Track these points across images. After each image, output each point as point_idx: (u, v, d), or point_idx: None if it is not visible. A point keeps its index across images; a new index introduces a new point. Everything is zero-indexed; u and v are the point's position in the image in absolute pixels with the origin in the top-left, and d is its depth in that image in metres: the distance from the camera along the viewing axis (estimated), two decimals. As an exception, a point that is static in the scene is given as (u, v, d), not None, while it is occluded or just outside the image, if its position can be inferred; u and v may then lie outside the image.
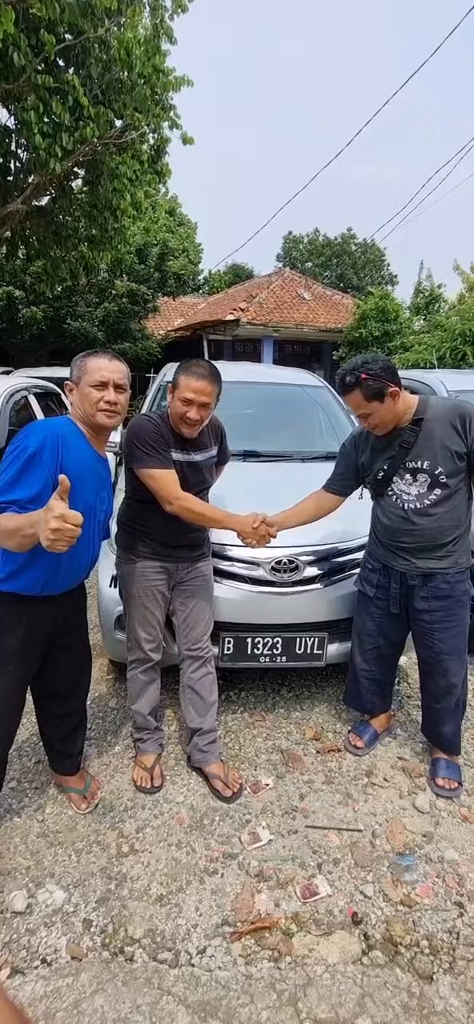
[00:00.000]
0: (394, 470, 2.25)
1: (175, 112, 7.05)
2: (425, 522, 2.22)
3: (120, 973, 1.62)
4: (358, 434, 2.44)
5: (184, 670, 2.39)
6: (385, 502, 2.32)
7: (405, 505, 2.24)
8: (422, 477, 2.20)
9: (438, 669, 2.34)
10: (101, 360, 1.82)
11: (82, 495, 1.73)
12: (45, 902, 1.84)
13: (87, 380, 1.80)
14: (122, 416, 1.88)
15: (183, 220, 18.96)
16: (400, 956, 1.70)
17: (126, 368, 1.91)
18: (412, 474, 2.22)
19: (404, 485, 2.24)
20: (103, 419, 1.82)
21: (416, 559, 2.27)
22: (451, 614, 2.28)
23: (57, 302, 13.20)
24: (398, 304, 12.70)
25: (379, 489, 2.33)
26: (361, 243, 30.84)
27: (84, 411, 1.82)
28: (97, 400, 1.79)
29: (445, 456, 2.15)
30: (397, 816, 2.24)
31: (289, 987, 1.58)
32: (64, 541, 1.42)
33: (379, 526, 2.38)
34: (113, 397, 1.81)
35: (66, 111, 5.65)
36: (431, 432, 2.17)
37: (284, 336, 16.19)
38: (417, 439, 2.18)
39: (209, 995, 1.56)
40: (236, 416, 3.60)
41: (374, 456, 2.31)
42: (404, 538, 2.27)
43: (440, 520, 2.21)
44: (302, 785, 2.39)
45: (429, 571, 2.26)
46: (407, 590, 2.33)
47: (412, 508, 2.23)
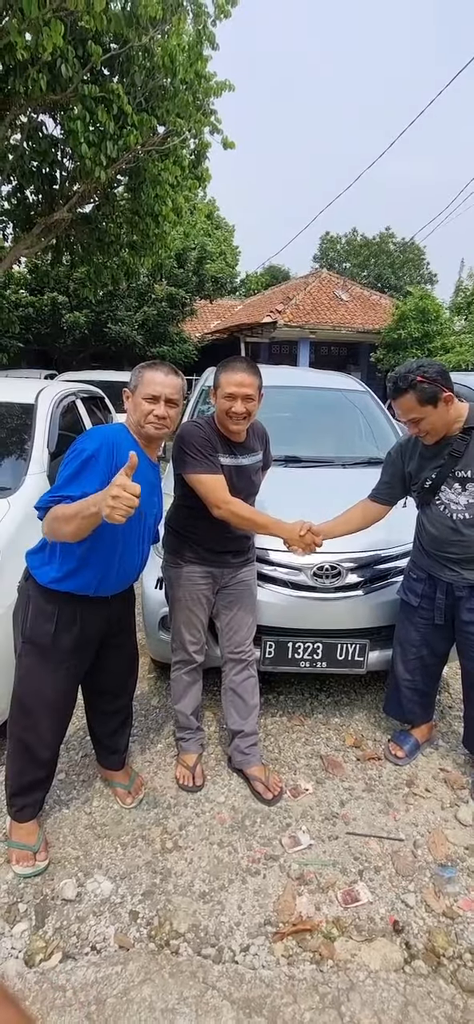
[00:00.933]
0: (442, 479, 2.23)
1: (216, 117, 7.13)
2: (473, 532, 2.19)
3: (167, 965, 1.67)
4: (405, 442, 2.42)
5: (226, 673, 2.43)
6: (432, 511, 2.30)
7: (454, 515, 2.22)
8: (472, 487, 2.17)
9: None
10: (157, 374, 1.87)
11: None
12: (94, 891, 1.91)
13: (141, 391, 1.86)
14: (172, 429, 1.93)
15: (221, 223, 19.10)
16: (443, 967, 1.69)
17: (181, 382, 1.95)
18: (461, 483, 2.19)
19: (453, 494, 2.22)
20: (151, 430, 1.88)
21: (464, 570, 2.25)
22: None
23: (99, 306, 13.52)
24: (438, 304, 12.45)
25: (426, 498, 2.31)
26: (400, 242, 30.33)
27: (136, 420, 1.88)
28: (148, 412, 1.85)
29: None
30: (439, 827, 2.22)
31: (332, 990, 1.60)
32: (122, 510, 1.48)
33: (425, 535, 2.36)
34: (163, 412, 1.86)
35: (111, 119, 5.81)
36: None
37: (321, 338, 16.12)
38: (467, 448, 2.16)
39: (253, 993, 1.59)
40: (277, 420, 3.62)
41: (422, 465, 2.30)
42: (452, 548, 2.25)
43: None
44: (342, 792, 2.40)
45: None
46: (453, 601, 2.31)
47: (461, 519, 2.20)
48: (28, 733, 1.94)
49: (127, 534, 1.84)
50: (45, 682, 1.89)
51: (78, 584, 1.81)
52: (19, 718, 1.94)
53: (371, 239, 32.22)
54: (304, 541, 2.25)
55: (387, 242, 31.57)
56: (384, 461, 2.49)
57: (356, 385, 4.27)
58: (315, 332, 15.59)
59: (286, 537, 2.26)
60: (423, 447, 2.29)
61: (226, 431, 2.18)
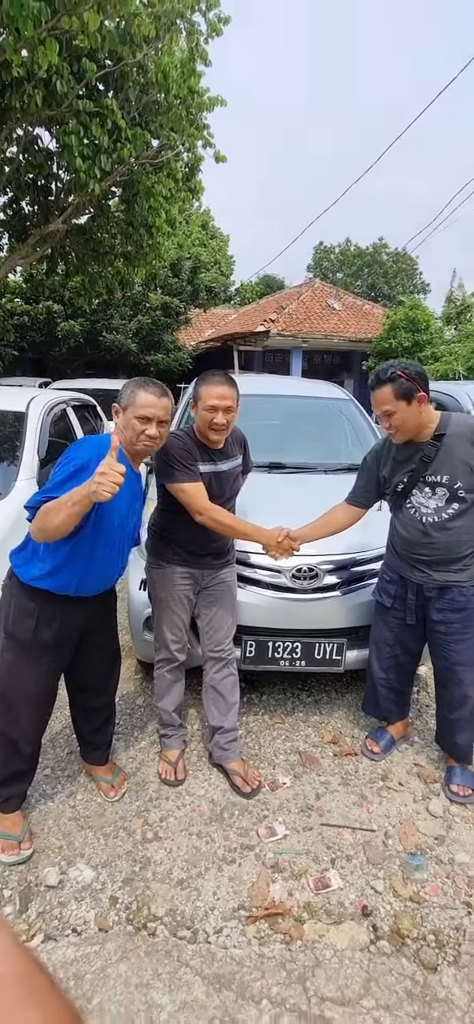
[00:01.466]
0: (414, 483, 2.33)
1: (209, 131, 7.29)
2: (442, 535, 2.29)
3: (143, 945, 1.75)
4: (380, 448, 2.53)
5: (207, 671, 2.53)
6: (404, 515, 2.40)
7: (423, 518, 2.32)
8: (441, 491, 2.27)
9: (453, 679, 2.40)
10: (150, 396, 1.95)
11: (118, 504, 1.89)
12: (75, 879, 1.99)
13: (133, 411, 1.94)
14: (160, 444, 2.04)
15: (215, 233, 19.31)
16: (406, 947, 1.78)
17: (171, 402, 2.05)
18: (431, 487, 2.29)
19: (423, 498, 2.32)
20: (141, 447, 1.98)
21: (433, 571, 2.35)
22: (467, 626, 2.34)
23: (94, 315, 13.65)
24: (429, 314, 12.63)
25: (398, 502, 2.41)
26: (393, 252, 30.66)
27: (127, 438, 1.97)
28: (140, 432, 1.95)
29: (464, 471, 2.23)
30: (410, 819, 2.32)
31: (299, 967, 1.69)
32: (108, 486, 1.61)
33: (397, 538, 2.47)
34: (154, 432, 1.96)
35: (105, 134, 5.94)
36: (451, 448, 2.25)
37: (313, 347, 16.29)
38: (437, 453, 2.26)
39: (224, 969, 1.68)
40: (261, 428, 3.74)
41: (395, 469, 2.40)
42: (422, 550, 2.35)
43: (457, 534, 2.28)
44: (318, 785, 2.49)
45: (445, 583, 2.34)
46: (424, 601, 2.41)
47: (430, 521, 2.30)
48: (10, 727, 2.02)
49: (108, 538, 1.94)
50: (26, 677, 1.98)
51: (58, 583, 1.90)
52: (1, 712, 2.02)
53: (364, 249, 32.56)
54: (282, 547, 2.37)
55: (380, 252, 31.90)
56: (360, 466, 2.59)
57: (340, 393, 4.39)
58: (307, 341, 15.76)
59: (265, 543, 2.37)
60: (396, 451, 2.39)
61: (207, 440, 2.28)
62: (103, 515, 1.86)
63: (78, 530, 1.78)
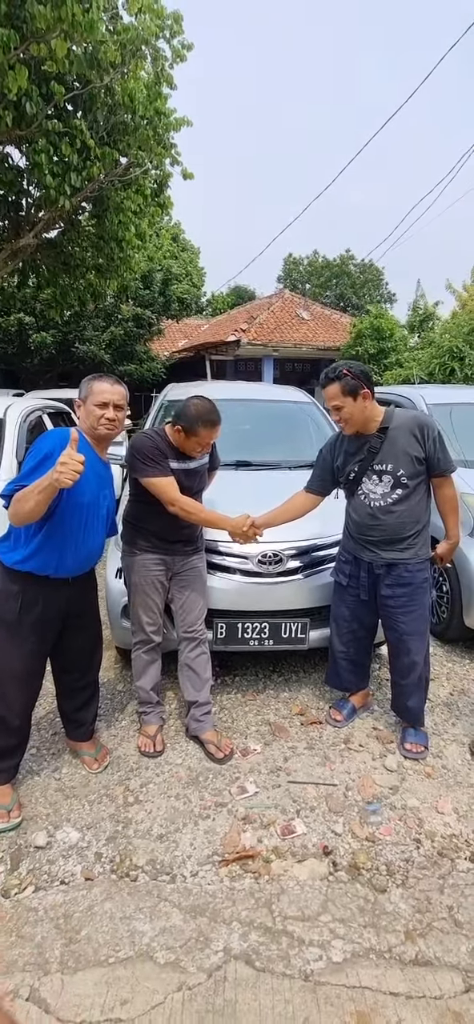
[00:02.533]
0: (363, 471, 2.60)
1: (176, 150, 7.56)
2: (388, 518, 2.56)
3: (126, 888, 1.95)
4: (333, 441, 2.80)
5: (182, 650, 2.74)
6: (355, 501, 2.67)
7: (371, 503, 2.59)
8: (386, 478, 2.54)
9: (402, 649, 2.66)
10: (104, 384, 2.22)
11: (85, 488, 2.09)
12: (62, 840, 2.17)
13: (92, 400, 2.19)
14: (120, 429, 2.27)
15: (186, 246, 19.61)
16: (361, 876, 2.01)
17: (126, 391, 2.30)
18: (378, 475, 2.56)
19: (371, 485, 2.59)
20: (103, 431, 2.22)
21: (381, 551, 2.61)
22: (412, 599, 2.60)
23: (66, 327, 13.75)
24: (394, 322, 13.11)
25: (351, 488, 2.68)
26: (359, 263, 31.49)
27: (88, 424, 2.21)
28: (99, 417, 2.19)
29: (406, 460, 2.50)
30: (368, 773, 2.56)
31: (265, 895, 1.91)
32: (69, 474, 1.83)
33: (350, 522, 2.73)
34: (112, 415, 2.21)
35: (74, 152, 6.15)
36: (395, 439, 2.52)
37: (283, 355, 16.67)
38: (382, 445, 2.54)
39: (199, 901, 1.88)
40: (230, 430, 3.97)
41: (347, 460, 2.66)
42: (371, 532, 2.62)
43: (401, 516, 2.55)
44: (286, 750, 2.72)
45: (392, 561, 2.60)
46: (374, 579, 2.67)
47: (377, 506, 2.57)
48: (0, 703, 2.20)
49: (80, 519, 2.15)
50: (13, 656, 2.16)
51: (38, 564, 2.10)
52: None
53: (332, 260, 33.37)
54: (246, 534, 2.61)
55: (347, 263, 32.74)
56: (316, 457, 2.85)
57: (304, 397, 4.67)
58: (277, 350, 16.15)
59: (230, 530, 2.61)
60: (347, 444, 2.67)
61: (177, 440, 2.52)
62: (72, 499, 2.08)
63: (51, 514, 2.00)
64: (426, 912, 1.85)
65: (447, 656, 3.66)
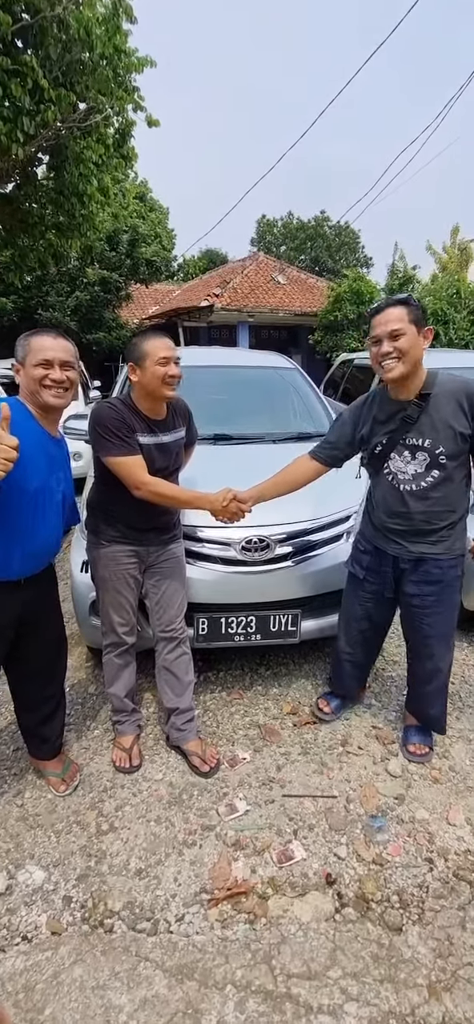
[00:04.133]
0: (393, 445, 2.15)
1: (139, 94, 6.93)
2: (420, 505, 2.14)
3: (99, 944, 1.65)
4: (360, 404, 2.32)
5: (159, 652, 2.42)
6: (380, 480, 2.24)
7: (400, 485, 2.16)
8: (421, 456, 2.10)
9: (426, 653, 2.33)
10: (45, 339, 1.80)
11: (34, 473, 1.74)
12: (25, 882, 1.86)
13: (31, 360, 1.78)
14: (71, 393, 1.87)
15: (154, 205, 18.70)
16: (371, 911, 1.76)
17: (72, 346, 1.89)
18: (411, 451, 2.12)
19: (401, 463, 2.15)
20: (49, 398, 1.80)
21: (408, 543, 2.21)
22: (441, 599, 2.23)
23: (27, 292, 12.97)
24: (373, 286, 12.73)
25: (375, 465, 2.24)
26: (335, 226, 30.80)
27: (30, 391, 1.81)
28: (41, 378, 1.78)
29: (448, 436, 2.04)
30: (370, 781, 2.31)
31: (263, 946, 1.64)
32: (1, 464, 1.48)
33: (373, 506, 2.33)
34: (59, 375, 1.79)
35: (26, 94, 5.53)
36: (437, 409, 2.06)
37: (259, 321, 16.16)
38: (421, 414, 2.08)
39: (186, 959, 1.60)
40: (207, 400, 3.62)
41: (374, 429, 2.21)
42: (397, 520, 2.21)
43: (436, 504, 2.13)
44: (279, 757, 2.45)
45: (421, 556, 2.20)
46: (399, 574, 2.30)
47: (407, 489, 2.15)
48: None
49: (27, 511, 1.79)
50: None
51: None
52: None
53: (306, 222, 32.55)
54: (229, 510, 2.24)
55: (322, 226, 31.98)
56: (334, 420, 2.43)
57: (286, 363, 4.32)
58: (253, 315, 15.61)
59: (210, 508, 2.25)
60: (378, 410, 2.22)
61: (153, 404, 2.14)
62: (15, 487, 1.71)
63: None
64: (449, 956, 1.61)
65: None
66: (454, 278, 9.82)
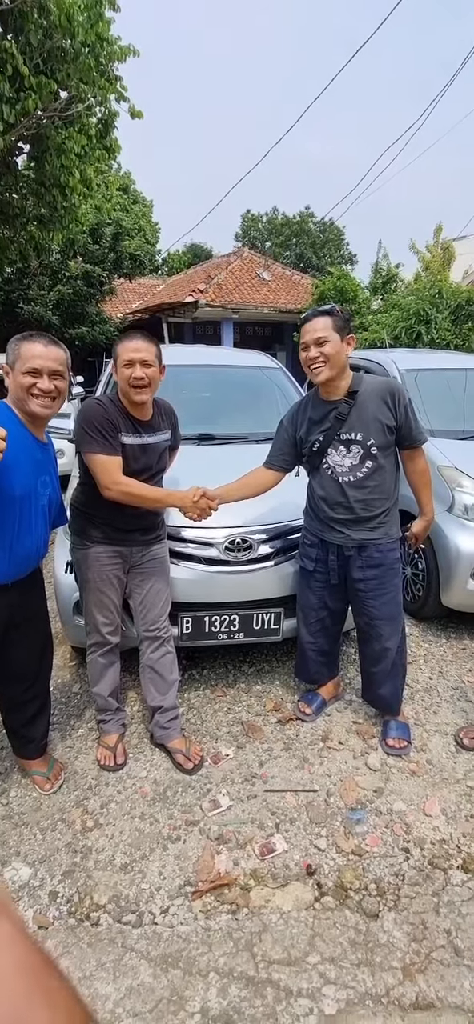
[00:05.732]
0: (329, 441, 2.35)
1: (122, 84, 6.89)
2: (358, 494, 2.33)
3: (85, 936, 1.69)
4: (295, 411, 2.52)
5: (143, 651, 2.45)
6: (321, 475, 2.42)
7: (339, 478, 2.35)
8: (355, 448, 2.31)
9: (373, 634, 2.48)
10: (36, 346, 1.80)
11: (19, 478, 1.75)
12: (11, 879, 1.89)
13: (20, 366, 1.78)
14: (59, 404, 1.88)
15: (137, 198, 18.58)
16: (349, 899, 1.83)
17: (65, 354, 1.89)
18: (346, 445, 2.32)
19: (338, 457, 2.34)
20: (35, 407, 1.80)
21: (351, 530, 2.38)
22: (384, 582, 2.41)
23: (8, 285, 12.78)
24: (356, 284, 12.81)
25: (314, 461, 2.42)
26: (319, 222, 30.90)
27: (17, 397, 1.81)
28: (29, 386, 1.78)
29: (377, 428, 2.27)
30: (350, 775, 2.38)
31: (245, 935, 1.69)
32: None
33: (314, 500, 2.48)
34: (47, 385, 1.79)
35: (5, 81, 5.49)
36: (364, 405, 2.29)
37: (244, 318, 16.16)
38: (351, 411, 2.30)
39: (170, 948, 1.65)
40: (190, 400, 3.65)
41: (310, 428, 2.40)
42: (339, 510, 2.38)
43: (372, 492, 2.33)
44: (261, 753, 2.50)
45: (363, 542, 2.38)
46: (344, 561, 2.44)
47: (346, 480, 2.34)
48: None
49: (12, 515, 1.79)
50: None
51: None
52: None
53: (292, 218, 32.59)
54: (198, 506, 2.28)
55: (307, 222, 32.05)
56: (276, 429, 2.57)
57: (269, 362, 4.36)
58: (237, 312, 15.61)
59: (180, 504, 2.29)
60: (312, 411, 2.41)
61: (130, 404, 2.17)
62: (2, 488, 1.72)
63: None
64: (423, 940, 1.68)
65: (423, 636, 3.53)
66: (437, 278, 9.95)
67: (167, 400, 2.42)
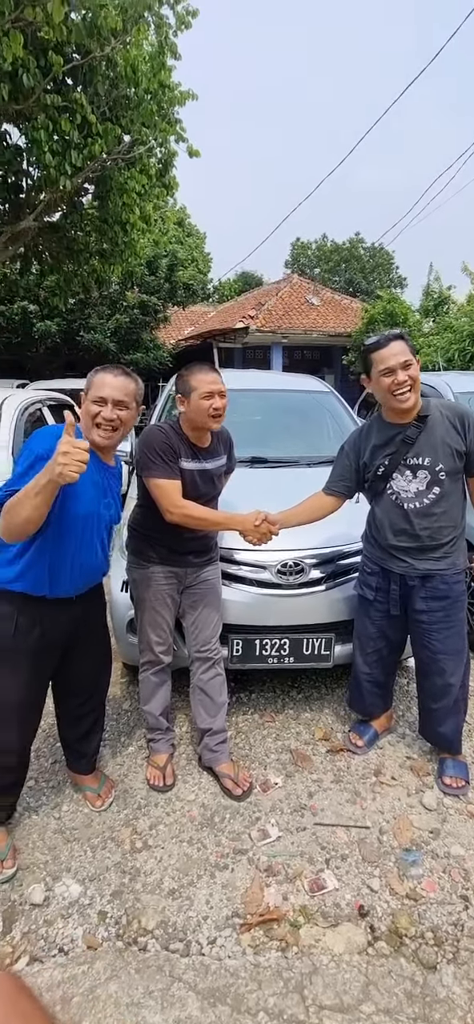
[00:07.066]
0: (394, 466, 2.29)
1: (181, 126, 7.19)
2: (424, 522, 2.26)
3: (133, 961, 1.68)
4: (358, 435, 2.48)
5: (194, 672, 2.46)
6: (384, 501, 2.35)
7: (404, 504, 2.28)
8: (422, 474, 2.24)
9: (435, 668, 2.37)
10: (107, 376, 1.86)
11: (83, 499, 1.80)
12: (62, 895, 1.91)
13: (90, 395, 1.85)
14: (122, 435, 1.91)
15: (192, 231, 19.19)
16: (405, 947, 1.74)
17: (135, 385, 1.93)
18: (412, 470, 2.26)
19: (404, 482, 2.28)
20: (96, 437, 1.85)
21: (415, 559, 2.31)
22: (449, 615, 2.31)
23: (70, 315, 13.40)
24: (407, 307, 12.68)
25: (377, 486, 2.36)
26: (369, 247, 30.83)
27: (85, 425, 1.88)
28: (94, 415, 1.83)
29: (446, 453, 2.21)
30: (404, 813, 2.28)
31: (295, 975, 1.63)
32: (74, 466, 1.52)
33: (376, 527, 2.42)
34: (109, 414, 1.83)
35: (74, 129, 5.82)
36: (433, 429, 2.23)
37: (293, 342, 16.26)
38: (420, 435, 2.24)
39: (218, 982, 1.62)
40: (243, 423, 3.68)
41: (375, 453, 2.34)
42: (402, 538, 2.31)
43: (439, 520, 2.25)
44: (311, 784, 2.44)
45: (428, 572, 2.30)
46: (407, 591, 2.37)
47: (411, 507, 2.27)
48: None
49: (75, 531, 1.84)
50: (6, 685, 1.89)
51: (29, 583, 1.81)
52: None
53: (341, 244, 32.68)
54: (259, 531, 2.30)
55: (357, 247, 32.04)
56: (337, 454, 2.54)
57: (321, 386, 4.35)
58: (287, 337, 15.73)
59: (241, 528, 2.31)
60: (376, 436, 2.35)
61: (200, 432, 2.24)
62: (66, 509, 1.77)
63: (45, 526, 1.69)
64: (486, 1000, 1.57)
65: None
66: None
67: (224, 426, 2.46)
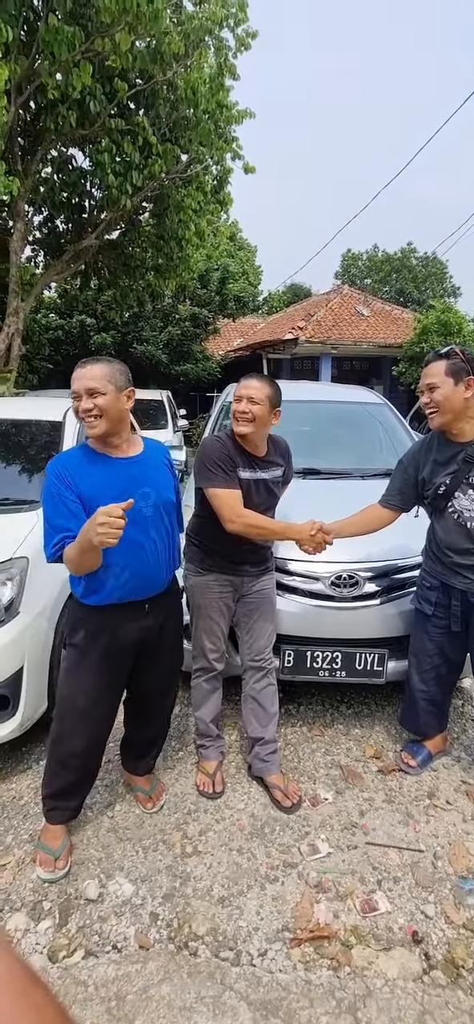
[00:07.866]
0: (456, 485, 2.25)
1: (237, 143, 7.33)
2: None
3: (185, 966, 1.70)
4: (417, 449, 2.45)
5: (246, 680, 2.47)
6: (445, 519, 2.31)
7: (467, 523, 2.23)
8: None
9: None
10: (78, 370, 1.82)
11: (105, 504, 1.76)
12: (115, 893, 1.95)
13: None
14: (106, 422, 1.81)
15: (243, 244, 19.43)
16: (462, 979, 1.68)
17: (108, 368, 1.83)
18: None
19: (467, 501, 2.23)
20: (88, 431, 1.85)
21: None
22: None
23: (125, 327, 13.87)
24: (462, 317, 12.35)
25: (439, 504, 2.32)
26: (422, 256, 30.23)
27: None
28: (77, 411, 1.83)
29: None
30: (460, 839, 2.20)
31: (348, 996, 1.61)
32: (113, 533, 1.58)
33: (437, 543, 2.37)
34: (86, 404, 1.79)
35: (136, 150, 6.06)
36: None
37: (342, 353, 16.13)
38: None
39: (270, 995, 1.61)
40: (295, 434, 3.67)
41: (435, 470, 2.31)
42: (465, 556, 2.26)
43: None
44: (362, 802, 2.40)
45: None
46: (468, 608, 2.30)
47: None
48: (60, 738, 1.99)
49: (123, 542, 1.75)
50: (77, 688, 1.95)
51: (99, 598, 1.89)
52: (56, 722, 2.01)
53: (392, 255, 32.22)
54: (315, 540, 2.30)
55: (409, 257, 31.50)
56: (395, 467, 2.51)
57: (374, 398, 4.30)
58: (336, 347, 15.63)
59: (297, 537, 2.31)
60: (437, 452, 2.32)
61: (240, 439, 2.25)
62: None
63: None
64: None
65: None
66: None
67: (281, 436, 2.48)
